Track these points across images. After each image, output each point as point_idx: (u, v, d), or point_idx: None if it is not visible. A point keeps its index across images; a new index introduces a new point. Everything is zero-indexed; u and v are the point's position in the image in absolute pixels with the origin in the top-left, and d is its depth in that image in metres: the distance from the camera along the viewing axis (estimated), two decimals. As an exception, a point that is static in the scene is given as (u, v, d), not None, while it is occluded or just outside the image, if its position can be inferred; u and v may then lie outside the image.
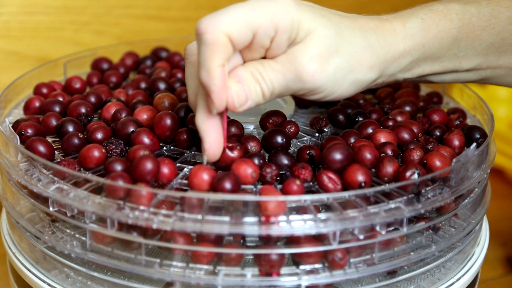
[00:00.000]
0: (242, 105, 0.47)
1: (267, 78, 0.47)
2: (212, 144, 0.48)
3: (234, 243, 0.47)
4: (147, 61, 0.74)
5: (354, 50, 0.49)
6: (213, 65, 0.45)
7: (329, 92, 0.49)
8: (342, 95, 0.50)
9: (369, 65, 0.49)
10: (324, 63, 0.48)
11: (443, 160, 0.51)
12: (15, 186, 0.53)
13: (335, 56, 0.48)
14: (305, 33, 0.47)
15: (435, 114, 0.60)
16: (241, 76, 0.47)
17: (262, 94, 0.48)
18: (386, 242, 0.48)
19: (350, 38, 0.49)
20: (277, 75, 0.47)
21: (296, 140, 0.57)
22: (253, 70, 0.47)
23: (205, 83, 0.46)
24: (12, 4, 0.84)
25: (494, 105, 1.04)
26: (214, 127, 0.48)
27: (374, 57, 0.50)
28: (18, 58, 0.86)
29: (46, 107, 0.60)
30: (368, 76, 0.50)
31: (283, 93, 0.49)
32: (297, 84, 0.48)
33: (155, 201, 0.46)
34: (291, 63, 0.47)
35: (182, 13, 0.95)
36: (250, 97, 0.47)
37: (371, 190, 0.47)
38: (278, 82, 0.48)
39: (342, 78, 0.49)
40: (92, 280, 0.50)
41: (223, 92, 0.46)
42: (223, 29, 0.45)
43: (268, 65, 0.48)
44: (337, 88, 0.49)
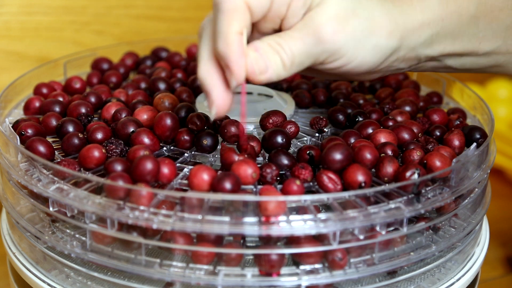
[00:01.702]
0: (262, 73, 0.46)
1: (286, 46, 0.47)
2: (220, 95, 0.47)
3: (234, 243, 0.47)
4: (147, 61, 0.74)
5: (372, 14, 0.49)
6: (231, 31, 0.44)
7: (350, 57, 0.48)
8: (364, 62, 0.49)
9: (388, 30, 0.49)
10: (343, 23, 0.47)
11: (443, 160, 0.51)
12: (15, 186, 0.53)
13: (353, 18, 0.48)
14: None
15: (435, 114, 0.60)
16: (258, 46, 0.46)
17: (283, 64, 0.47)
18: (386, 242, 0.48)
19: (367, 3, 0.49)
20: (296, 42, 0.47)
21: (296, 140, 0.57)
22: (270, 41, 0.47)
23: (223, 52, 0.45)
24: (12, 4, 0.84)
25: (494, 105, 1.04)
26: (221, 79, 0.47)
27: (392, 23, 0.49)
28: (18, 58, 0.86)
29: (46, 107, 0.60)
30: (389, 42, 0.49)
31: (304, 62, 0.48)
32: (318, 47, 0.47)
33: (155, 201, 0.46)
34: (309, 26, 0.47)
35: (182, 13, 0.95)
36: (270, 66, 0.46)
37: (371, 190, 0.47)
38: (298, 48, 0.47)
39: (363, 40, 0.48)
40: (92, 280, 0.50)
41: (242, 60, 0.45)
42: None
43: (285, 34, 0.47)
44: (358, 52, 0.48)
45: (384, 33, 0.49)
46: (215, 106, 0.47)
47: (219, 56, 0.46)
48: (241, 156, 0.50)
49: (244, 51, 0.45)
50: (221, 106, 0.47)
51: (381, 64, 0.51)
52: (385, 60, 0.50)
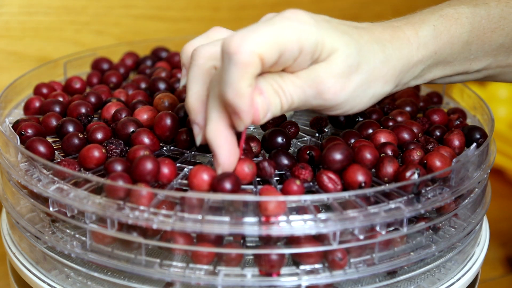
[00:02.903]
0: (264, 117, 0.47)
1: (287, 91, 0.47)
2: (227, 157, 0.47)
3: (234, 243, 0.47)
4: (147, 61, 0.74)
5: (373, 66, 0.49)
6: (243, 85, 0.44)
7: (347, 108, 0.49)
8: (359, 110, 0.50)
9: (386, 79, 0.50)
10: (346, 82, 0.48)
11: (443, 160, 0.51)
12: (15, 186, 0.53)
13: (355, 74, 0.48)
14: (328, 53, 0.47)
15: (435, 114, 0.60)
16: (262, 89, 0.46)
17: (281, 107, 0.47)
18: (386, 242, 0.48)
19: (369, 54, 0.49)
20: (297, 90, 0.47)
21: (296, 140, 0.57)
22: (272, 82, 0.47)
23: (233, 103, 0.45)
24: (12, 4, 0.84)
25: (494, 105, 1.04)
26: (229, 139, 0.47)
27: (391, 70, 0.50)
28: (18, 58, 0.86)
29: (46, 107, 0.60)
30: (385, 89, 0.50)
31: (301, 107, 0.48)
32: (317, 101, 0.48)
33: (155, 201, 0.46)
34: (313, 80, 0.47)
35: (182, 13, 0.95)
36: (270, 109, 0.47)
37: (371, 190, 0.47)
38: (298, 96, 0.47)
39: (361, 94, 0.49)
40: (92, 280, 0.50)
41: (251, 110, 0.46)
42: (255, 50, 0.44)
43: (288, 79, 0.47)
44: (356, 103, 0.49)
45: (382, 81, 0.50)
46: (221, 168, 0.47)
47: (227, 103, 0.46)
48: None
49: (253, 102, 0.46)
50: (227, 168, 0.48)
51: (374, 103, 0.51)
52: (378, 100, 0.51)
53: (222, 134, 0.47)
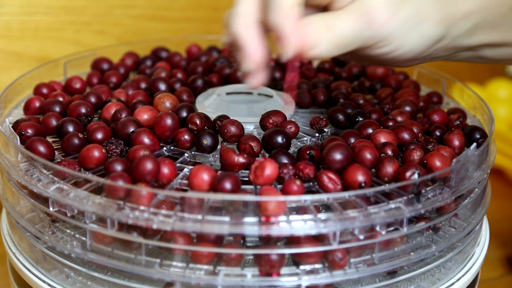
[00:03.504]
0: (312, 48, 0.46)
1: (335, 26, 0.46)
2: (256, 50, 0.46)
3: (234, 243, 0.47)
4: (147, 61, 0.74)
5: (422, 2, 0.49)
6: (288, 3, 0.44)
7: (398, 44, 0.48)
8: (410, 50, 0.49)
9: (436, 19, 0.49)
10: (395, 10, 0.47)
11: (443, 160, 0.51)
12: (15, 186, 0.53)
13: (404, 5, 0.48)
14: None
15: (435, 114, 0.60)
16: (311, 20, 0.46)
17: (331, 43, 0.47)
18: (386, 242, 0.48)
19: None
20: (347, 23, 0.47)
21: (296, 140, 0.57)
22: (321, 18, 0.47)
23: (277, 23, 0.44)
24: (12, 4, 0.84)
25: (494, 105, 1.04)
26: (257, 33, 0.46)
27: (441, 11, 0.50)
28: (18, 58, 0.86)
29: (46, 107, 0.60)
30: (435, 31, 0.50)
31: (351, 44, 0.48)
32: (367, 32, 0.47)
33: (155, 201, 0.46)
34: (362, 8, 0.47)
35: (182, 13, 0.95)
36: (319, 44, 0.46)
37: (371, 190, 0.47)
38: (347, 29, 0.47)
39: (412, 28, 0.48)
40: (92, 280, 0.50)
41: (295, 34, 0.45)
42: None
43: (335, 14, 0.47)
44: (406, 40, 0.48)
45: (433, 21, 0.49)
46: (250, 58, 0.46)
47: (271, 26, 0.45)
48: (241, 156, 0.50)
49: (298, 24, 0.45)
50: (256, 59, 0.47)
51: (424, 52, 0.50)
52: (429, 48, 0.50)
53: (251, 27, 0.46)
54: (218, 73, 0.69)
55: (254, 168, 0.48)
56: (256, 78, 0.48)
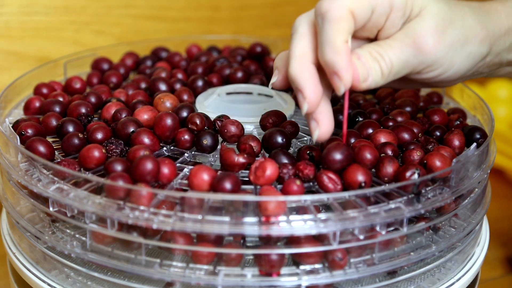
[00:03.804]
0: (365, 80, 0.47)
1: (385, 55, 0.48)
2: (313, 91, 0.47)
3: (234, 243, 0.47)
4: (147, 61, 0.74)
5: (466, 23, 0.50)
6: (339, 40, 0.46)
7: (446, 66, 0.50)
8: (458, 71, 0.51)
9: (481, 38, 0.51)
10: (442, 35, 0.49)
11: (443, 160, 0.51)
12: (15, 186, 0.53)
13: (450, 28, 0.49)
14: (419, 8, 0.48)
15: (435, 114, 0.60)
16: (360, 54, 0.48)
17: (381, 72, 0.48)
18: (386, 242, 0.48)
19: (461, 12, 0.50)
20: (395, 51, 0.48)
21: (296, 140, 0.57)
22: (370, 50, 0.48)
23: (331, 61, 0.46)
24: (12, 4, 0.84)
25: (494, 105, 1.04)
26: (314, 74, 0.47)
27: (484, 30, 0.51)
28: (18, 58, 0.86)
29: (46, 107, 0.60)
30: (481, 49, 0.51)
31: (401, 71, 0.49)
32: (417, 58, 0.48)
33: (155, 201, 0.46)
34: (409, 37, 0.48)
35: (182, 13, 0.95)
36: (370, 74, 0.47)
37: (371, 190, 0.47)
38: (397, 57, 0.48)
39: (459, 50, 0.50)
40: (92, 280, 0.50)
41: (350, 67, 0.46)
42: (346, 4, 0.46)
43: (384, 43, 0.48)
44: (454, 61, 0.50)
45: (478, 40, 0.51)
46: (308, 102, 0.47)
47: (326, 64, 0.46)
48: (241, 156, 0.50)
49: (351, 59, 0.46)
50: (313, 102, 0.47)
51: (471, 70, 0.52)
52: (475, 66, 0.52)
53: (306, 68, 0.47)
54: (218, 73, 0.69)
55: (255, 169, 0.48)
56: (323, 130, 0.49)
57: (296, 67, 0.48)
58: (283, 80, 0.51)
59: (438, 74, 0.50)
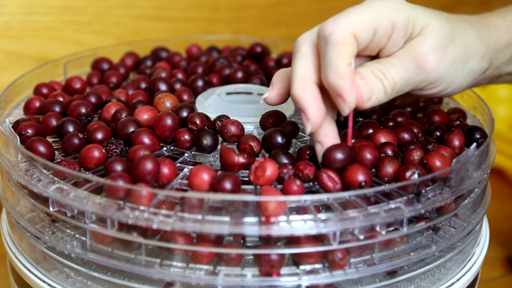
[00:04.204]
0: (368, 100, 0.48)
1: (387, 74, 0.48)
2: (317, 112, 0.48)
3: (234, 243, 0.47)
4: (147, 61, 0.74)
5: (467, 40, 0.51)
6: (342, 64, 0.46)
7: (448, 83, 0.50)
8: (459, 87, 0.51)
9: (481, 54, 0.52)
10: (444, 53, 0.49)
11: (443, 160, 0.51)
12: (15, 186, 0.53)
13: (451, 46, 0.50)
14: (421, 27, 0.49)
15: (435, 114, 0.60)
16: (362, 73, 0.48)
17: (384, 91, 0.48)
18: (386, 242, 0.48)
19: (461, 30, 0.51)
20: (398, 70, 0.48)
21: (296, 140, 0.57)
22: (372, 68, 0.49)
23: (334, 84, 0.46)
24: (12, 4, 0.84)
25: (494, 105, 1.04)
26: (316, 94, 0.48)
27: (484, 46, 0.52)
28: (18, 58, 0.86)
29: (46, 107, 0.60)
30: (481, 65, 0.52)
31: (404, 88, 0.49)
32: (419, 76, 0.49)
33: (155, 201, 0.46)
34: (411, 55, 0.49)
35: (182, 13, 0.95)
36: (374, 92, 0.48)
37: (371, 190, 0.47)
38: (399, 76, 0.49)
39: (460, 67, 0.50)
40: (92, 280, 0.50)
41: (354, 90, 0.47)
42: (349, 28, 0.46)
43: (386, 62, 0.49)
44: (456, 78, 0.51)
45: (478, 56, 0.51)
46: (311, 123, 0.48)
47: (329, 87, 0.47)
48: (241, 156, 0.50)
49: (354, 82, 0.47)
50: (317, 122, 0.48)
51: (470, 85, 0.53)
52: (475, 81, 0.53)
53: (309, 89, 0.48)
54: (218, 73, 0.69)
55: (255, 169, 0.48)
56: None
57: (298, 88, 0.48)
58: (276, 96, 0.52)
59: (440, 91, 0.51)
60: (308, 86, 0.48)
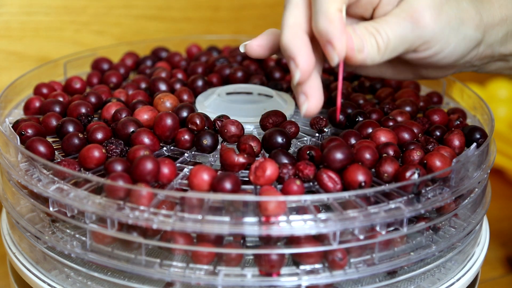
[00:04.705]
0: (360, 51, 0.47)
1: (382, 30, 0.48)
2: (306, 59, 0.47)
3: (234, 243, 0.47)
4: (147, 61, 0.74)
5: (462, 6, 0.50)
6: (333, 8, 0.45)
7: (443, 44, 0.50)
8: (454, 52, 0.51)
9: (475, 23, 0.51)
10: (439, 10, 0.49)
11: (443, 160, 0.51)
12: (15, 186, 0.53)
13: (447, 6, 0.49)
14: None
15: (435, 114, 0.60)
16: (355, 27, 0.47)
17: (378, 48, 0.48)
18: (386, 242, 0.48)
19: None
20: (392, 26, 0.48)
21: (296, 140, 0.57)
22: (366, 25, 0.48)
23: (324, 29, 0.45)
24: (12, 4, 0.84)
25: (494, 105, 1.04)
26: (306, 43, 0.47)
27: (478, 15, 0.51)
28: (18, 58, 0.86)
29: (46, 107, 0.60)
30: (476, 34, 0.51)
31: (398, 47, 0.49)
32: (414, 33, 0.48)
33: (155, 201, 0.46)
34: (406, 11, 0.48)
35: (182, 13, 0.95)
36: (366, 47, 0.47)
37: (371, 190, 0.47)
38: (393, 32, 0.48)
39: (455, 30, 0.50)
40: (92, 280, 0.50)
41: (344, 36, 0.46)
42: None
43: (381, 19, 0.48)
44: (451, 40, 0.50)
45: (473, 24, 0.51)
46: (300, 70, 0.47)
47: (319, 34, 0.46)
48: (241, 156, 0.50)
49: (345, 29, 0.46)
50: (306, 70, 0.47)
51: (464, 56, 0.52)
52: (469, 53, 0.52)
53: (299, 37, 0.47)
54: (218, 73, 0.69)
55: (255, 169, 0.48)
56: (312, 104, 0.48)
57: (289, 35, 0.47)
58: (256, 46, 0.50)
59: (434, 53, 0.50)
60: (298, 34, 0.47)
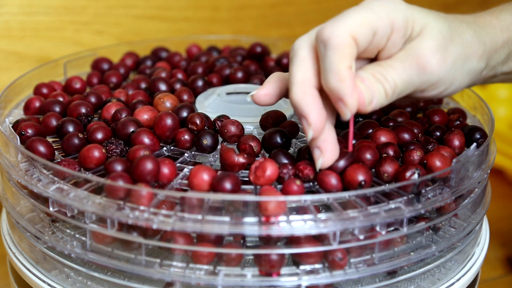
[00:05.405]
0: (370, 103, 0.47)
1: (388, 76, 0.48)
2: (318, 116, 0.47)
3: (234, 243, 0.47)
4: (147, 61, 0.74)
5: (465, 40, 0.51)
6: (343, 67, 0.45)
7: (448, 84, 0.50)
8: (459, 87, 0.51)
9: (479, 55, 0.51)
10: (444, 53, 0.49)
11: (443, 160, 0.51)
12: (15, 186, 0.53)
13: (451, 46, 0.49)
14: (420, 28, 0.49)
15: (435, 114, 0.60)
16: (363, 77, 0.47)
17: (385, 93, 0.48)
18: (386, 242, 0.48)
19: (460, 30, 0.51)
20: (398, 72, 0.48)
21: (296, 140, 0.57)
22: (372, 71, 0.48)
23: (335, 87, 0.46)
24: (12, 4, 0.84)
25: (494, 105, 1.04)
26: (317, 99, 0.47)
27: (482, 46, 0.52)
28: (18, 58, 0.86)
29: (46, 107, 0.60)
30: (480, 65, 0.51)
31: (405, 90, 0.49)
32: (420, 78, 0.48)
33: (155, 201, 0.46)
34: (412, 57, 0.48)
35: (182, 13, 0.95)
36: (375, 96, 0.47)
37: (371, 190, 0.47)
38: (400, 78, 0.48)
39: (460, 68, 0.50)
40: (92, 280, 0.50)
41: (355, 93, 0.46)
42: (348, 31, 0.46)
43: (387, 64, 0.48)
44: (456, 78, 0.50)
45: (476, 57, 0.51)
46: (312, 128, 0.47)
47: (330, 91, 0.46)
48: (241, 156, 0.50)
49: (355, 85, 0.46)
50: (318, 127, 0.47)
51: (468, 85, 0.52)
52: (473, 81, 0.52)
53: (309, 94, 0.47)
54: (218, 73, 0.69)
55: (255, 169, 0.48)
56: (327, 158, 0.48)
57: (299, 93, 0.47)
58: (264, 96, 0.51)
59: (440, 92, 0.51)
60: (308, 91, 0.47)
